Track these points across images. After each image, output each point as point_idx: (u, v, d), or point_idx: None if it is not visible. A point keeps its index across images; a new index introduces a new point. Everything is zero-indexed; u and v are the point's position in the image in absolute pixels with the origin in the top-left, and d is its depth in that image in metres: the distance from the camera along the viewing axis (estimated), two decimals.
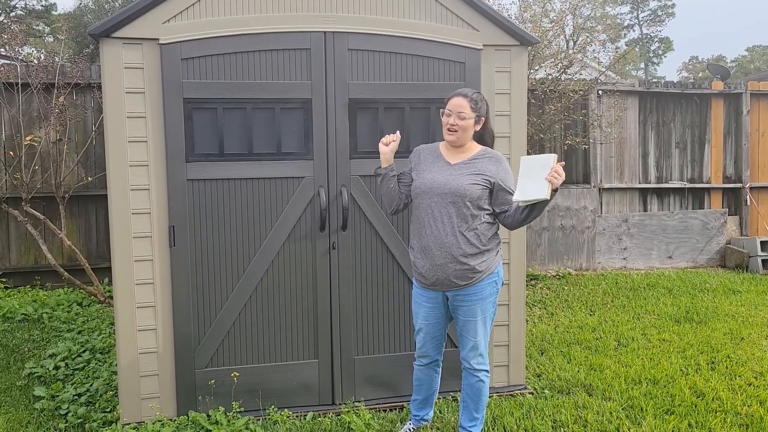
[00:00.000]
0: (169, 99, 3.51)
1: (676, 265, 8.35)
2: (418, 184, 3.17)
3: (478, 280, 3.10)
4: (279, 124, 3.67)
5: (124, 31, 3.44)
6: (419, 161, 3.25)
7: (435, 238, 3.08)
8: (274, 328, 3.77)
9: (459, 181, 3.07)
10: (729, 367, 4.54)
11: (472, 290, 3.12)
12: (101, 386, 4.08)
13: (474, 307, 3.14)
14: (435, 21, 3.80)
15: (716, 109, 8.66)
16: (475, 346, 3.19)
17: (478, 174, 3.09)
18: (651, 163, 8.48)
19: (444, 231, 3.06)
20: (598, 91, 7.95)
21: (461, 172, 3.10)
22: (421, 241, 3.14)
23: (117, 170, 3.50)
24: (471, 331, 3.18)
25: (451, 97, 3.15)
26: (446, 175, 3.11)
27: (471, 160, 3.14)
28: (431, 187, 3.10)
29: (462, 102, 3.10)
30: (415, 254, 3.20)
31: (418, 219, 3.16)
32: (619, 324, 5.64)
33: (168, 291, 3.61)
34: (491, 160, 3.14)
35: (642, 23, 45.52)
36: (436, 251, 3.08)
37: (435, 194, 3.09)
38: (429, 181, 3.12)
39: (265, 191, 3.69)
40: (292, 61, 3.65)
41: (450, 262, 3.06)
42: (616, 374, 4.39)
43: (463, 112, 3.09)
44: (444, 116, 3.14)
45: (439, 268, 3.08)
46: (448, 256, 3.06)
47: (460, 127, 3.10)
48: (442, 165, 3.16)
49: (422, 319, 3.27)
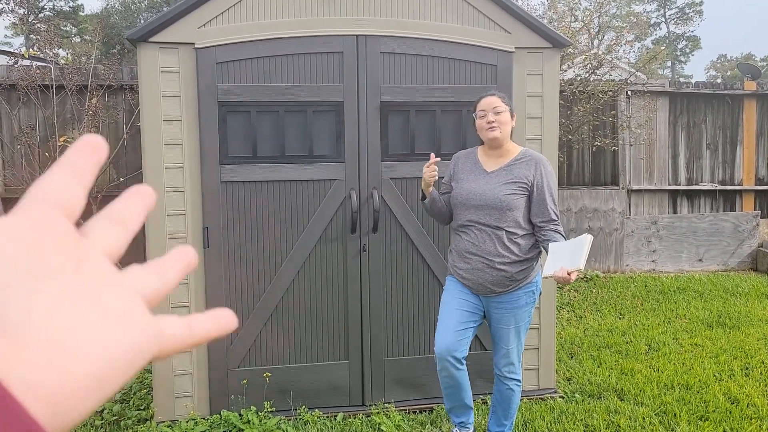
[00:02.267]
0: (204, 102, 3.55)
1: (706, 268, 8.23)
2: (455, 195, 3.14)
3: (514, 288, 3.05)
4: (311, 127, 3.70)
5: (160, 36, 3.50)
6: (457, 170, 3.21)
7: (473, 244, 3.04)
8: (304, 329, 3.80)
9: (495, 191, 3.01)
10: (764, 373, 4.47)
11: (508, 298, 3.06)
12: (135, 384, 4.15)
13: (508, 315, 3.09)
14: (466, 23, 3.80)
15: (749, 110, 8.52)
16: (507, 354, 3.15)
17: (514, 182, 3.02)
18: (681, 164, 8.37)
19: (482, 238, 3.02)
20: (628, 92, 7.87)
21: (497, 181, 3.04)
22: (460, 246, 3.11)
23: (153, 172, 3.56)
24: (503, 338, 3.14)
25: (479, 100, 3.10)
26: (482, 185, 3.05)
27: (509, 165, 3.07)
28: (468, 199, 3.06)
29: (493, 99, 3.05)
30: (453, 257, 3.18)
31: (459, 225, 3.12)
32: (649, 328, 5.58)
33: (202, 291, 3.66)
34: (529, 163, 3.05)
35: (669, 21, 44.90)
36: (473, 257, 3.05)
37: (471, 206, 3.05)
38: (465, 192, 3.08)
39: (297, 193, 3.72)
40: (325, 64, 3.68)
41: (487, 268, 3.02)
42: (648, 379, 4.35)
43: (498, 106, 3.02)
44: (479, 118, 3.07)
45: (476, 273, 3.05)
46: (486, 262, 3.02)
47: (499, 122, 3.01)
48: (479, 173, 3.11)
49: (456, 305, 3.11)
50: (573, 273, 2.66)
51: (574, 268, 2.65)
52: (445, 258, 3.87)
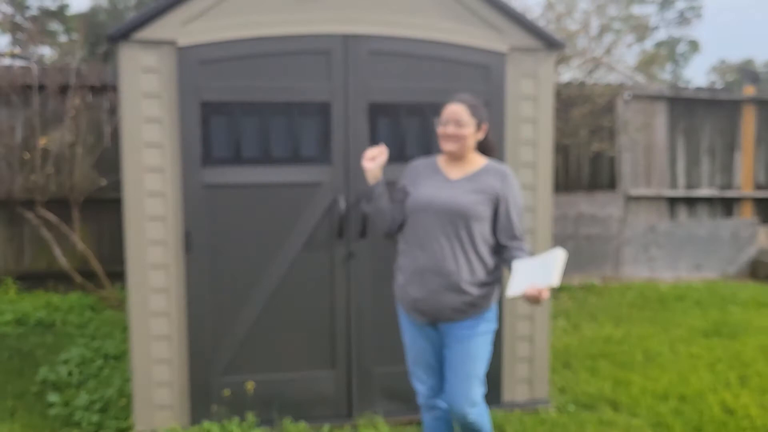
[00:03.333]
0: (186, 102, 3.44)
1: (704, 276, 8.13)
2: (414, 200, 2.80)
3: (475, 313, 2.74)
4: (297, 129, 3.60)
5: (141, 34, 3.39)
6: (416, 176, 2.88)
7: (433, 262, 2.71)
8: (290, 337, 3.68)
9: (461, 199, 2.72)
10: (760, 384, 4.36)
11: (466, 324, 2.74)
12: (114, 393, 4.03)
13: (466, 342, 2.73)
14: (458, 23, 3.69)
15: (747, 116, 8.42)
16: (469, 389, 2.75)
17: (481, 192, 2.74)
18: (679, 170, 8.26)
19: (443, 254, 2.70)
20: (625, 95, 7.77)
21: (463, 189, 2.75)
22: (416, 264, 2.75)
23: (133, 174, 3.44)
24: (463, 369, 2.75)
25: (446, 106, 2.81)
26: (446, 192, 2.75)
27: (474, 175, 2.79)
28: (429, 204, 2.74)
29: (458, 108, 2.76)
30: (406, 278, 2.81)
31: (414, 238, 2.78)
32: (645, 337, 5.47)
33: (183, 298, 3.54)
34: (496, 175, 2.79)
35: (669, 24, 44.93)
36: (432, 277, 2.71)
37: (433, 212, 2.72)
38: (427, 197, 2.76)
39: (283, 197, 3.61)
40: (312, 64, 3.57)
41: (448, 290, 2.69)
42: (643, 389, 4.24)
43: (461, 119, 2.74)
44: (440, 126, 2.80)
45: (435, 297, 2.71)
46: (447, 284, 2.69)
47: (459, 136, 2.74)
48: (441, 180, 2.81)
49: (419, 351, 2.89)
50: (546, 290, 2.45)
51: (547, 285, 2.44)
52: None
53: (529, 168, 3.84)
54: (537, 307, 3.87)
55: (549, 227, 3.94)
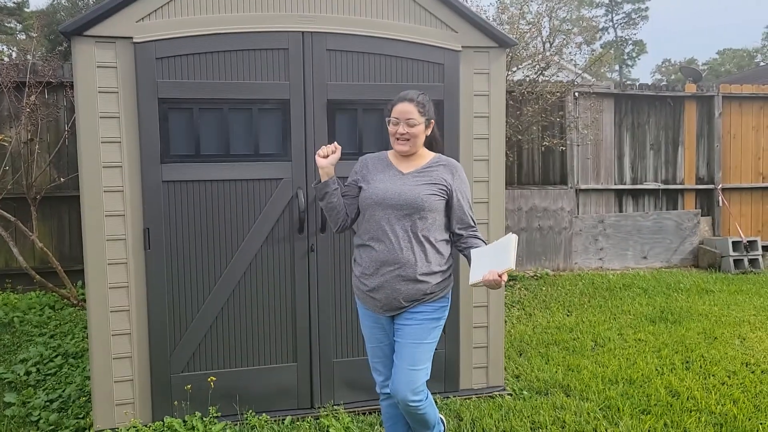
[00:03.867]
0: (143, 99, 3.44)
1: (650, 265, 8.45)
2: (368, 195, 2.82)
3: (428, 300, 2.79)
4: (256, 125, 3.63)
5: (96, 30, 3.37)
6: (367, 171, 2.90)
7: (389, 254, 2.74)
8: (252, 331, 3.72)
9: (415, 191, 2.75)
10: (703, 367, 4.59)
11: (419, 309, 2.78)
12: (74, 392, 4.00)
13: (418, 328, 2.76)
14: (414, 22, 3.79)
15: (689, 112, 8.78)
16: (413, 375, 2.75)
17: (434, 184, 2.79)
18: (626, 164, 8.57)
19: (399, 246, 2.74)
20: (575, 93, 8.02)
21: (416, 182, 2.80)
22: (372, 256, 2.79)
23: (90, 171, 3.43)
24: (411, 356, 2.76)
25: (396, 103, 2.83)
26: (400, 185, 2.79)
27: (425, 168, 2.84)
28: (384, 198, 2.77)
29: (409, 107, 2.78)
30: (363, 270, 2.83)
31: (370, 232, 2.80)
32: (595, 324, 5.69)
33: (143, 294, 3.55)
34: (447, 168, 2.86)
35: (616, 26, 46.10)
36: (389, 268, 2.75)
37: (388, 206, 2.76)
38: (381, 191, 2.79)
39: (243, 193, 3.64)
40: (270, 61, 3.61)
41: (405, 281, 2.74)
42: (594, 374, 4.42)
43: (412, 118, 2.77)
44: (391, 125, 2.82)
45: (389, 288, 2.76)
46: (403, 275, 2.74)
47: (411, 135, 2.78)
48: (394, 174, 2.84)
49: (377, 341, 2.92)
50: (504, 274, 2.54)
51: (504, 269, 2.53)
52: None
53: (483, 162, 3.96)
54: (493, 296, 4.01)
55: (502, 220, 4.06)
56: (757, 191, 9.02)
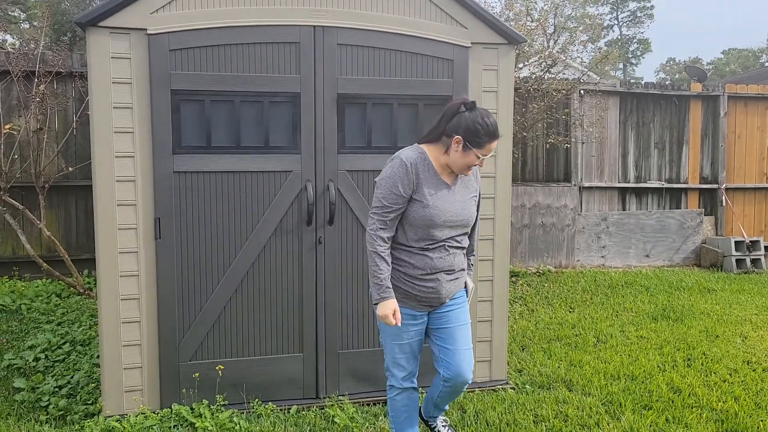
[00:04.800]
0: (156, 90, 3.48)
1: (653, 263, 8.49)
2: (428, 215, 2.82)
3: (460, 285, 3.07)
4: (267, 118, 3.67)
5: (111, 21, 3.41)
6: (418, 181, 2.83)
7: (443, 261, 2.91)
8: (259, 321, 3.77)
9: (466, 211, 2.93)
10: (704, 364, 4.64)
11: (457, 299, 3.04)
12: (82, 378, 4.05)
13: (461, 310, 3.03)
14: (424, 18, 3.82)
15: (694, 111, 8.80)
16: (470, 354, 3.01)
17: (473, 196, 3.01)
18: (630, 162, 8.60)
19: (452, 254, 2.94)
20: (580, 90, 8.04)
21: (463, 198, 2.94)
22: (426, 263, 2.87)
23: (102, 161, 3.47)
24: (465, 336, 3.00)
25: (491, 139, 2.78)
26: (453, 203, 2.89)
27: (460, 178, 2.96)
28: (444, 221, 2.85)
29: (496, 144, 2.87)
30: (415, 274, 2.88)
31: (422, 242, 2.87)
32: (598, 321, 5.73)
33: (153, 283, 3.59)
34: (474, 175, 3.03)
35: (621, 24, 46.03)
36: (443, 275, 2.92)
37: (447, 227, 2.88)
38: (441, 212, 2.84)
39: (252, 185, 3.68)
40: (282, 54, 3.64)
41: (455, 281, 2.99)
42: (596, 370, 4.46)
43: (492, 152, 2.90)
44: (477, 154, 2.78)
45: (443, 288, 2.93)
46: (453, 278, 2.97)
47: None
48: (441, 187, 2.88)
49: (408, 338, 2.98)
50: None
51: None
52: None
53: (490, 158, 3.99)
54: (497, 291, 4.06)
55: (507, 216, 4.10)
56: (761, 191, 9.04)
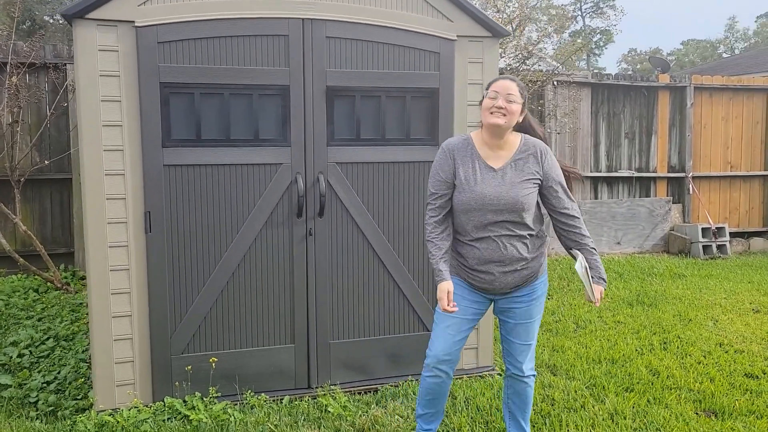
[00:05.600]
0: (145, 83, 3.46)
1: (624, 250, 8.71)
2: (465, 200, 2.79)
3: (534, 280, 2.89)
4: (257, 111, 3.67)
5: (97, 13, 3.37)
6: (456, 164, 2.83)
7: (493, 252, 2.79)
8: (251, 313, 3.79)
9: (513, 192, 2.75)
10: (680, 347, 4.81)
11: (528, 290, 2.89)
12: (69, 374, 4.02)
13: (530, 307, 2.90)
14: (411, 11, 3.86)
15: (662, 102, 9.03)
16: (530, 349, 2.98)
17: (528, 179, 2.79)
18: (602, 152, 8.79)
19: (502, 245, 2.79)
20: (554, 82, 8.17)
21: (512, 180, 2.77)
22: (476, 255, 2.83)
23: (91, 154, 3.44)
24: (528, 333, 2.94)
25: (496, 80, 2.80)
26: (496, 186, 2.76)
27: (515, 160, 2.81)
28: (483, 204, 2.76)
29: (511, 84, 2.76)
30: (469, 264, 2.87)
31: (469, 233, 2.83)
32: (576, 307, 5.88)
33: (144, 277, 3.58)
34: (535, 157, 2.83)
35: (585, 15, 46.62)
36: (495, 266, 2.82)
37: (489, 210, 2.76)
38: (479, 196, 2.76)
39: (243, 177, 3.69)
40: (271, 47, 3.65)
41: (512, 272, 2.82)
42: (577, 355, 4.60)
43: (513, 94, 2.74)
44: (488, 98, 2.76)
45: (498, 281, 2.84)
46: (510, 267, 2.81)
47: (509, 111, 2.73)
48: (485, 171, 2.79)
49: (460, 314, 2.87)
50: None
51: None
52: (390, 241, 3.94)
53: None
54: None
55: None
56: (726, 179, 9.34)
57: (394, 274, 3.99)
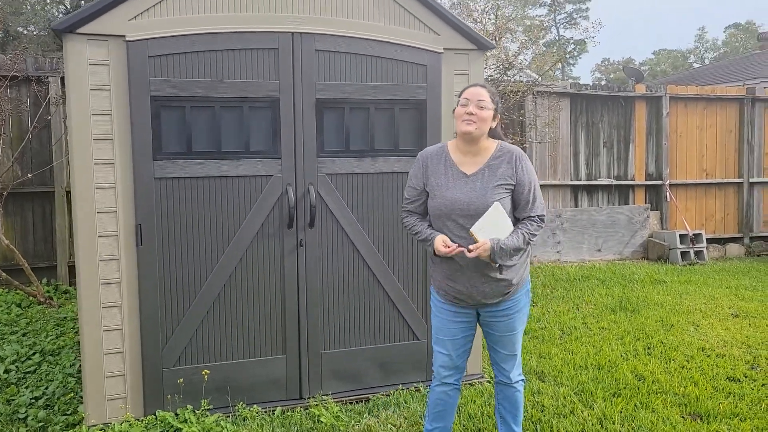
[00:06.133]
0: (136, 96, 3.47)
1: (604, 257, 8.84)
2: (436, 205, 2.84)
3: (514, 292, 2.90)
4: (247, 123, 3.70)
5: (89, 27, 3.38)
6: (429, 173, 2.90)
7: (467, 258, 2.76)
8: (242, 325, 3.79)
9: (483, 198, 2.76)
10: (663, 352, 4.90)
11: (509, 303, 2.91)
12: (58, 389, 3.99)
13: (512, 320, 2.93)
14: (399, 25, 3.92)
15: (639, 111, 9.21)
16: (515, 358, 3.03)
17: (500, 184, 2.80)
18: (581, 161, 8.94)
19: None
20: (534, 92, 8.30)
21: (484, 185, 2.79)
22: (450, 263, 2.85)
23: (82, 168, 3.43)
24: (510, 344, 2.99)
25: (467, 88, 2.87)
26: (467, 192, 2.79)
27: (488, 165, 2.83)
28: (452, 209, 2.79)
29: (481, 91, 2.82)
30: (442, 276, 2.91)
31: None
32: (560, 314, 5.96)
33: (135, 290, 3.57)
34: (509, 161, 2.84)
35: (559, 25, 47.31)
36: (468, 272, 2.82)
37: (459, 216, 2.78)
38: (449, 201, 2.80)
39: (234, 189, 3.71)
40: (261, 60, 3.68)
41: (486, 281, 2.81)
42: (564, 361, 4.66)
43: (483, 100, 2.79)
44: (460, 106, 2.82)
45: (474, 289, 2.83)
46: (483, 276, 2.81)
47: (480, 118, 2.78)
48: (457, 177, 2.84)
49: (451, 335, 2.96)
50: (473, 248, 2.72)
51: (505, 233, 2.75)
52: (379, 250, 3.98)
53: None
54: None
55: None
56: (701, 187, 9.54)
57: (383, 283, 4.02)
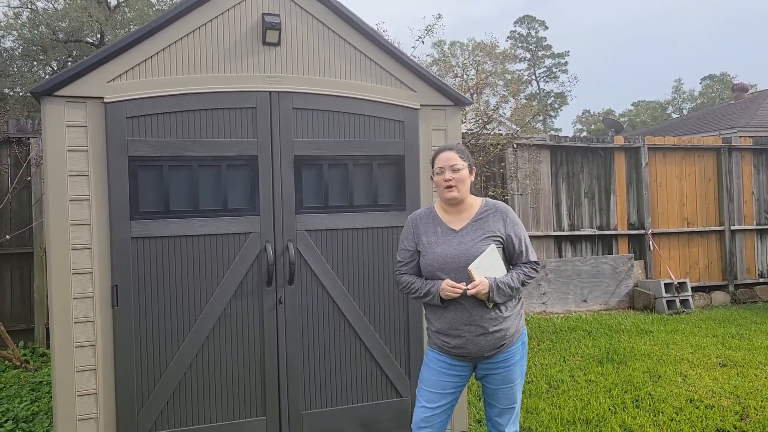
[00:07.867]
0: (113, 157, 3.47)
1: (590, 308, 8.81)
2: (428, 261, 2.88)
3: (509, 344, 2.91)
4: (225, 181, 3.70)
5: (67, 90, 3.41)
6: (419, 232, 2.97)
7: (462, 312, 2.82)
8: (221, 386, 3.71)
9: (473, 251, 2.82)
10: (652, 404, 4.83)
11: (505, 355, 2.91)
12: None
13: (510, 372, 2.93)
14: (376, 82, 3.99)
15: (619, 162, 9.35)
16: (513, 411, 3.00)
17: (489, 236, 2.86)
18: (564, 212, 9.01)
19: (470, 304, 2.82)
20: (514, 144, 8.43)
21: (472, 239, 2.86)
22: (444, 320, 2.87)
23: (58, 229, 3.40)
24: (510, 397, 2.97)
25: (437, 155, 2.97)
26: (456, 246, 2.85)
27: (476, 220, 2.92)
28: (444, 264, 2.83)
29: (451, 154, 2.93)
30: (438, 333, 2.91)
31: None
32: (547, 367, 5.89)
33: (110, 353, 3.50)
34: (496, 216, 2.93)
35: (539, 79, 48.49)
36: (464, 327, 2.83)
37: (450, 270, 2.82)
38: (440, 256, 2.85)
39: (212, 248, 3.68)
40: (239, 119, 3.72)
41: (482, 335, 2.83)
42: (552, 416, 4.58)
43: (456, 163, 2.90)
44: (436, 175, 2.95)
45: (471, 343, 2.83)
46: (479, 329, 2.82)
47: (457, 180, 2.89)
48: (446, 233, 2.91)
49: (440, 388, 2.92)
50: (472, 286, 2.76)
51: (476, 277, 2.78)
52: (360, 307, 3.94)
53: None
54: None
55: None
56: (684, 235, 9.62)
57: (365, 340, 3.97)
